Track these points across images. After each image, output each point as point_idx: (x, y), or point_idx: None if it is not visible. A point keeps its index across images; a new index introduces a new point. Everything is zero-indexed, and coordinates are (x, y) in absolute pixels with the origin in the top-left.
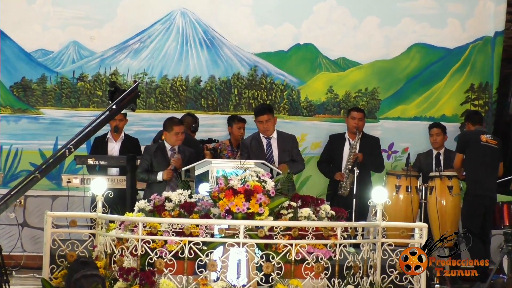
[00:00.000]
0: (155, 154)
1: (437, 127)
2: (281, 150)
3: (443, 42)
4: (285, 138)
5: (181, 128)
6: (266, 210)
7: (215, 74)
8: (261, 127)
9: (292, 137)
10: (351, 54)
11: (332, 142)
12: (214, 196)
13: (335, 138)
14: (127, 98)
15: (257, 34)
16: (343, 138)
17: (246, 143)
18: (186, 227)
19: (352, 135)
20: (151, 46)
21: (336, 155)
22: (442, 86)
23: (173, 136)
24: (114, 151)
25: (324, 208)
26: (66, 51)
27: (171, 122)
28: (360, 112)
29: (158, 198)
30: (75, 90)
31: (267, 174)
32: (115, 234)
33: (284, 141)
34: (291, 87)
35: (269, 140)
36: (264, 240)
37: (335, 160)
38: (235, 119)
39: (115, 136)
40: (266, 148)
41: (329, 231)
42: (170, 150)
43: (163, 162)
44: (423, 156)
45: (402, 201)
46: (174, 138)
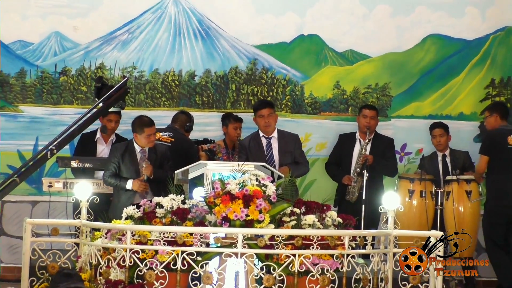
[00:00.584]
0: (123, 157)
1: (440, 127)
2: (282, 151)
3: (461, 33)
4: (286, 138)
5: (152, 130)
6: (267, 217)
7: (210, 68)
8: (262, 122)
9: (294, 137)
10: (360, 46)
11: (342, 142)
12: (209, 202)
13: (345, 137)
14: (115, 95)
15: (257, 24)
16: (353, 138)
17: (244, 143)
18: (179, 236)
19: (363, 135)
20: (141, 37)
21: (345, 156)
22: (459, 82)
23: (143, 139)
24: (104, 154)
25: (331, 215)
26: (47, 42)
27: (141, 123)
28: (373, 110)
29: (148, 204)
30: (57, 86)
31: (267, 178)
32: (101, 244)
33: (286, 141)
34: (294, 82)
35: (269, 140)
36: (265, 250)
37: (344, 162)
38: (231, 118)
39: (104, 137)
40: (265, 148)
41: (335, 240)
42: (140, 153)
43: (132, 166)
44: (427, 160)
45: (416, 207)
46: (145, 141)
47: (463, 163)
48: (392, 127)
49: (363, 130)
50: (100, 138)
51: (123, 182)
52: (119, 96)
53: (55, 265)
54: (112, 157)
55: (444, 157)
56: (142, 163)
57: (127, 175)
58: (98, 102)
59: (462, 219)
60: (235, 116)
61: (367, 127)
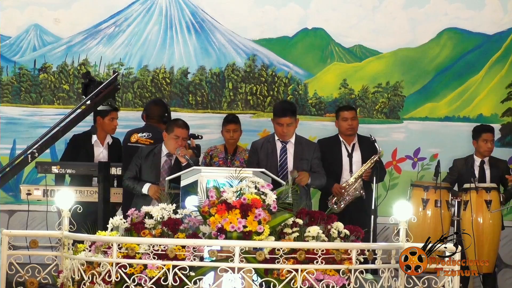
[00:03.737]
0: (147, 157)
1: (491, 131)
2: (298, 158)
3: (481, 27)
4: (304, 145)
5: (183, 132)
6: (266, 229)
7: (205, 64)
8: (279, 130)
9: (314, 145)
10: (369, 41)
11: (324, 148)
12: (203, 212)
13: (326, 143)
14: (104, 92)
15: (256, 17)
16: (337, 142)
17: (256, 146)
18: (170, 249)
19: (348, 138)
20: (128, 30)
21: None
22: (478, 80)
23: (171, 140)
24: (102, 157)
25: (336, 226)
26: (26, 36)
27: (174, 121)
28: (352, 111)
29: (136, 214)
30: (36, 84)
31: (267, 185)
32: (84, 257)
33: (303, 148)
34: (296, 80)
35: (285, 144)
36: (264, 264)
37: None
38: (224, 120)
39: (101, 139)
40: (279, 153)
41: (342, 254)
42: (166, 156)
43: (153, 169)
44: (461, 163)
45: (430, 218)
46: (172, 143)
47: (502, 172)
48: (405, 130)
49: (347, 133)
50: (97, 140)
51: (140, 185)
52: (108, 93)
53: (34, 281)
54: (135, 158)
55: (482, 163)
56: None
57: (146, 178)
58: (85, 100)
59: (481, 231)
60: (229, 117)
61: (350, 129)
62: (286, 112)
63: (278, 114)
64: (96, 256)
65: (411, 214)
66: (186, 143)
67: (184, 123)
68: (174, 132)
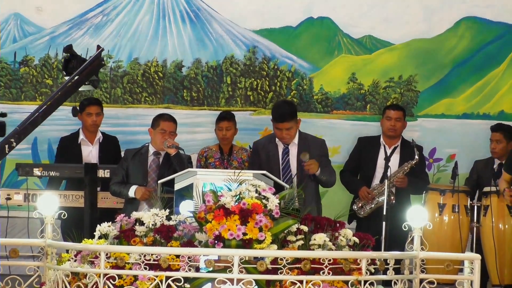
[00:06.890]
0: (133, 159)
1: (499, 131)
2: None
3: (502, 16)
4: (310, 143)
5: (170, 126)
6: (268, 236)
7: (201, 57)
8: (279, 135)
9: (320, 142)
10: (380, 31)
11: (362, 147)
12: (199, 218)
13: (366, 142)
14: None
15: (257, 5)
16: (376, 142)
17: (258, 146)
18: (163, 259)
19: (389, 140)
20: (117, 20)
21: (366, 164)
22: (500, 74)
23: (158, 135)
24: (92, 156)
25: (345, 233)
26: (5, 26)
27: (159, 115)
28: (398, 111)
29: (126, 220)
30: (17, 78)
31: (269, 189)
32: (69, 268)
33: (309, 145)
34: (301, 74)
35: (287, 145)
36: (266, 275)
37: (364, 172)
38: (217, 117)
39: (89, 137)
40: (281, 155)
41: (351, 264)
42: (153, 155)
43: (140, 169)
44: (481, 165)
45: (447, 224)
46: (159, 138)
47: None
48: (419, 129)
49: (388, 134)
50: (84, 139)
51: (126, 188)
52: (91, 70)
53: None
54: (121, 162)
55: (500, 165)
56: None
57: (133, 180)
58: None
59: (502, 239)
60: (222, 114)
61: (392, 130)
62: (284, 117)
63: (276, 119)
64: (82, 267)
65: (426, 221)
66: (174, 138)
67: (171, 116)
68: (160, 126)
